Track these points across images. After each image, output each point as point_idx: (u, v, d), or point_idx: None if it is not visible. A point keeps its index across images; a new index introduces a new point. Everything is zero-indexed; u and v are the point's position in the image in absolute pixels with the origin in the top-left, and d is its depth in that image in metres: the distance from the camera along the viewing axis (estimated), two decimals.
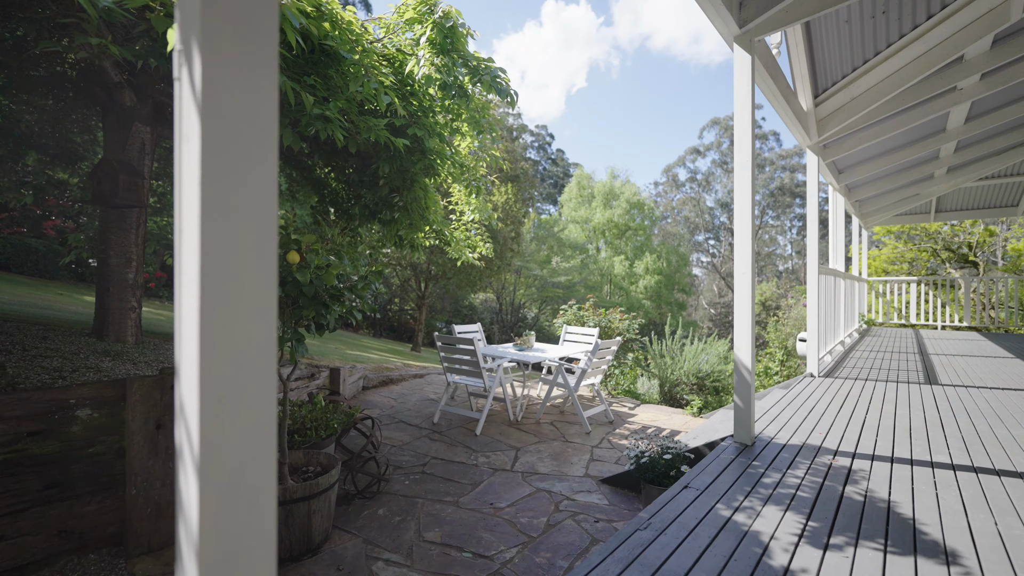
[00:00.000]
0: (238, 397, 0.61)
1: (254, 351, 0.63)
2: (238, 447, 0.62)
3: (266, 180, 0.63)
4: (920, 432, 3.03)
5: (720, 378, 6.79)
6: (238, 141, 0.61)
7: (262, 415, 0.63)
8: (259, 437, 0.63)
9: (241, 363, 0.62)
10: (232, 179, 0.61)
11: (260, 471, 0.63)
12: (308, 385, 4.43)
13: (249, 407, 0.62)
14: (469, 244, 5.09)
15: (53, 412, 2.07)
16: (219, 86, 0.59)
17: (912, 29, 3.91)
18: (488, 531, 2.72)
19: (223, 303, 0.60)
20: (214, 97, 0.59)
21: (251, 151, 0.62)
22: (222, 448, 0.61)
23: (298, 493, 2.41)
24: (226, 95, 0.60)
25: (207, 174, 0.59)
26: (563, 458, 3.87)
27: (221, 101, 0.59)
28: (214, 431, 0.60)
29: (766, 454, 2.62)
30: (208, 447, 0.60)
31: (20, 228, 11.72)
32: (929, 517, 1.91)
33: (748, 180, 2.79)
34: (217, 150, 0.59)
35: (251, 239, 0.62)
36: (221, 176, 0.60)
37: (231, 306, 0.60)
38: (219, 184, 0.60)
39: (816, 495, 2.10)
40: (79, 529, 2.12)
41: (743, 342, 2.78)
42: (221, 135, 0.60)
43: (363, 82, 2.22)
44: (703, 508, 1.97)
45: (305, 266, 2.44)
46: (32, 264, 11.40)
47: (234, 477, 0.61)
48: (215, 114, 0.59)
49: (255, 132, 0.62)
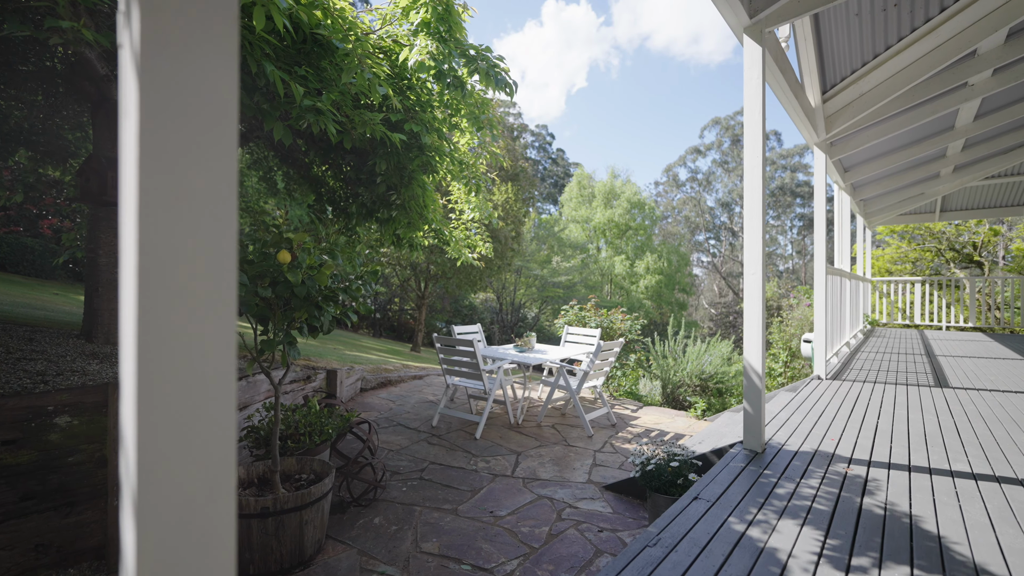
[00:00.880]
0: (186, 423, 0.51)
1: (205, 368, 0.52)
2: (185, 484, 0.51)
3: (221, 161, 0.52)
4: (935, 438, 2.92)
5: (723, 379, 6.69)
6: (187, 113, 0.50)
7: (217, 443, 0.53)
8: (212, 470, 0.53)
9: (190, 383, 0.51)
10: (179, 159, 0.50)
11: (213, 513, 0.52)
12: (304, 388, 4.32)
13: (199, 435, 0.51)
14: (469, 244, 4.98)
15: (30, 420, 1.97)
16: (161, 44, 0.48)
17: (924, 22, 3.80)
18: (488, 541, 2.62)
19: (166, 309, 0.49)
20: (154, 58, 0.48)
21: (203, 125, 0.51)
22: (165, 485, 0.50)
23: (289, 503, 2.30)
24: (169, 54, 0.49)
25: (147, 153, 0.48)
26: (565, 463, 3.77)
27: (163, 62, 0.48)
28: (154, 463, 0.49)
29: (777, 462, 2.52)
30: (147, 483, 0.49)
31: (16, 227, 11.63)
32: (954, 532, 1.81)
33: (759, 178, 2.68)
34: (159, 124, 0.48)
35: (202, 231, 0.51)
36: (164, 155, 0.49)
37: (176, 313, 0.50)
38: (161, 164, 0.49)
39: (833, 508, 1.99)
40: (57, 543, 2.02)
41: (753, 345, 2.67)
42: (165, 106, 0.49)
43: (356, 72, 2.11)
44: (715, 522, 1.87)
45: (297, 266, 2.33)
46: (28, 263, 11.31)
47: (180, 520, 0.50)
48: (156, 79, 0.48)
49: (209, 102, 0.51)
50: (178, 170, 0.49)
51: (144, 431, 0.48)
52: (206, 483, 0.52)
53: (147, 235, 0.48)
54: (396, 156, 3.23)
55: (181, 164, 0.50)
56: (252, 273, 2.21)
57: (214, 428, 0.52)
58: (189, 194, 0.50)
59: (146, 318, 0.48)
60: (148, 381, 0.48)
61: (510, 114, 33.35)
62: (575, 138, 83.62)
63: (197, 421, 0.51)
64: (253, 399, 3.53)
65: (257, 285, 2.22)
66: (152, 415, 0.48)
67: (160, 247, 0.48)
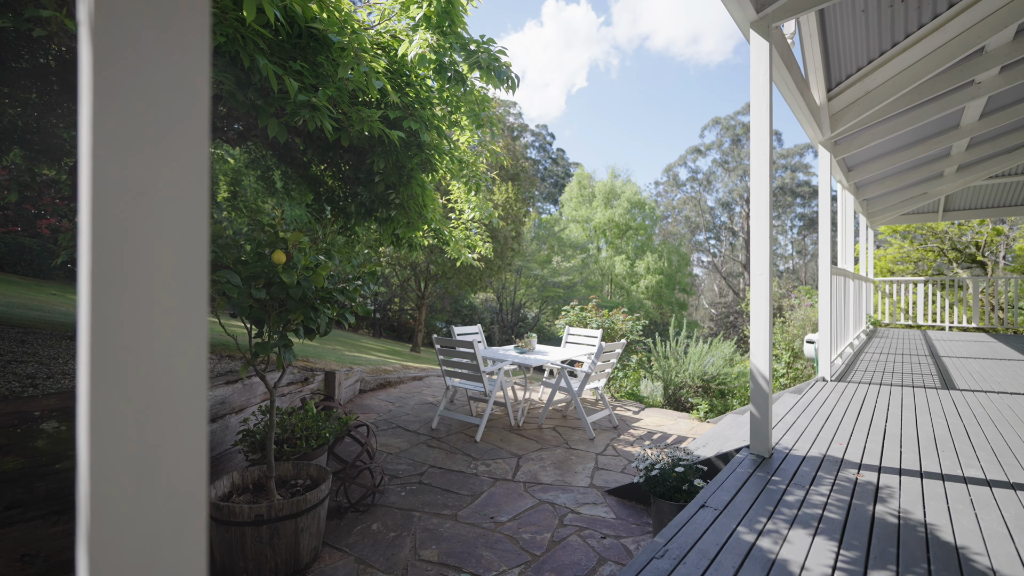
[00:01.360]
0: (149, 447, 0.44)
1: (171, 385, 0.45)
2: (148, 516, 0.45)
3: (189, 151, 0.46)
4: (946, 442, 2.86)
5: (726, 381, 6.62)
6: (147, 88, 0.44)
7: (185, 470, 0.46)
8: (180, 501, 0.46)
9: (152, 401, 0.44)
10: (137, 145, 0.43)
11: (183, 550, 0.46)
12: (301, 390, 4.26)
13: (164, 461, 0.45)
14: (468, 244, 4.91)
15: (15, 425, 1.91)
16: (118, 14, 0.42)
17: (932, 19, 3.74)
18: (488, 548, 2.56)
19: (123, 316, 0.43)
20: (109, 29, 0.42)
21: (165, 103, 0.44)
22: (124, 517, 0.43)
23: (284, 510, 2.24)
24: (129, 27, 0.43)
25: (100, 136, 0.42)
26: (567, 466, 3.70)
27: (121, 35, 0.42)
28: (111, 492, 0.43)
29: (786, 468, 2.45)
30: (102, 515, 0.42)
31: (14, 227, 11.57)
32: (972, 542, 1.75)
33: (765, 176, 2.62)
34: (114, 101, 0.42)
35: (166, 229, 0.45)
36: (119, 142, 0.43)
37: (135, 321, 0.43)
38: (117, 152, 0.43)
39: (845, 516, 1.93)
40: (44, 552, 1.95)
41: (760, 349, 2.61)
42: (120, 80, 0.42)
43: (353, 66, 2.05)
44: (723, 532, 1.80)
45: (292, 266, 2.27)
46: (26, 264, 11.25)
47: (142, 561, 0.44)
48: (111, 51, 0.42)
49: (175, 83, 0.45)
50: (137, 159, 0.43)
51: (99, 456, 0.42)
52: (173, 516, 0.46)
53: (100, 232, 0.42)
54: (395, 154, 3.17)
55: (141, 152, 0.43)
56: (246, 274, 2.14)
57: (182, 452, 0.46)
58: (151, 187, 0.44)
59: (101, 325, 0.42)
60: (103, 400, 0.42)
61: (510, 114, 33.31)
62: (575, 138, 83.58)
63: (161, 445, 0.45)
64: (249, 402, 3.47)
65: (251, 286, 2.16)
66: (108, 439, 0.42)
67: (115, 246, 0.42)
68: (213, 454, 3.04)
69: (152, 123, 0.44)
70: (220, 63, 2.00)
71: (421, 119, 2.91)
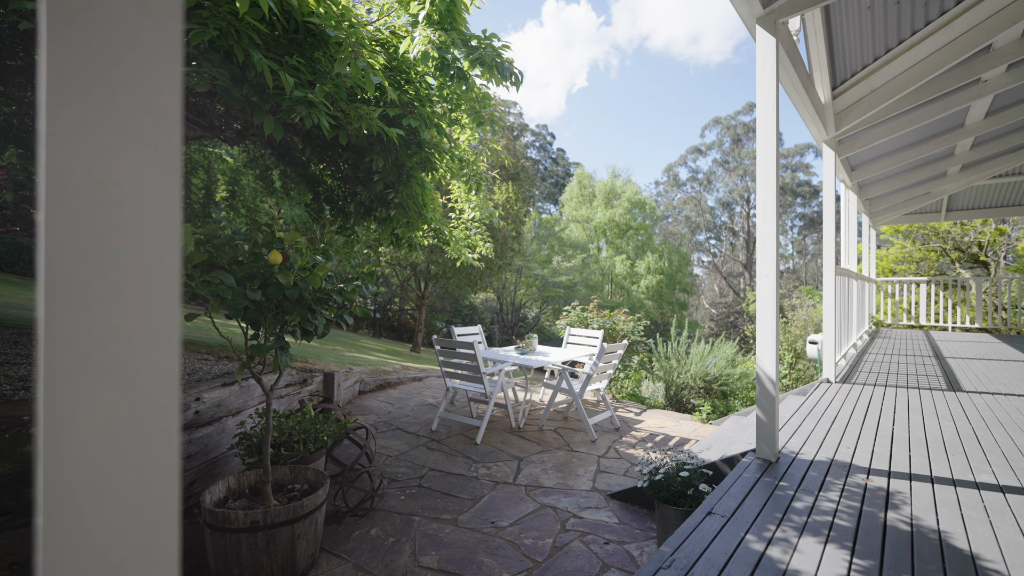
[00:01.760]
0: (112, 475, 0.39)
1: (140, 406, 0.40)
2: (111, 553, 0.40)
3: (157, 141, 0.41)
4: (955, 446, 2.81)
5: (728, 382, 6.57)
6: (108, 66, 0.39)
7: (154, 502, 0.41)
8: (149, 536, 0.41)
9: (116, 422, 0.40)
10: (94, 128, 0.38)
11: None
12: (300, 392, 4.21)
13: (129, 491, 0.40)
14: (469, 243, 4.86)
15: (4, 430, 1.86)
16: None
17: (939, 16, 3.69)
18: (489, 554, 2.51)
19: (82, 325, 0.38)
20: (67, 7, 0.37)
21: (128, 83, 0.39)
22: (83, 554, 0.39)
23: (281, 516, 2.19)
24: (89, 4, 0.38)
25: (54, 122, 0.37)
26: (568, 469, 3.65)
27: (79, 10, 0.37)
28: (68, 523, 0.38)
29: (793, 473, 2.40)
30: (58, 551, 0.38)
31: (12, 227, 11.52)
32: (988, 551, 1.70)
33: (772, 173, 2.57)
34: (69, 78, 0.37)
35: (131, 220, 0.40)
36: (76, 121, 0.38)
37: (95, 331, 0.38)
38: (72, 134, 0.38)
39: (856, 524, 1.88)
40: (33, 561, 1.90)
41: (766, 351, 2.56)
42: (78, 56, 0.38)
43: (350, 62, 2.00)
44: (731, 540, 1.75)
45: (288, 267, 2.22)
46: (25, 263, 11.21)
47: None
48: (67, 27, 0.37)
49: (135, 52, 0.40)
50: (94, 149, 0.38)
51: (52, 464, 0.37)
52: (141, 553, 0.41)
53: (54, 228, 0.37)
54: (394, 153, 3.12)
55: (99, 142, 0.38)
56: (241, 275, 2.09)
57: (150, 481, 0.41)
58: (110, 179, 0.39)
59: (55, 333, 0.37)
60: (59, 419, 0.37)
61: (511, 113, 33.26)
62: (575, 138, 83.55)
63: (127, 474, 0.40)
64: (246, 404, 3.42)
65: (246, 287, 2.10)
66: (66, 466, 0.37)
67: (71, 245, 0.37)
68: (209, 457, 2.99)
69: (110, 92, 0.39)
70: (214, 58, 1.95)
71: (421, 116, 2.85)
